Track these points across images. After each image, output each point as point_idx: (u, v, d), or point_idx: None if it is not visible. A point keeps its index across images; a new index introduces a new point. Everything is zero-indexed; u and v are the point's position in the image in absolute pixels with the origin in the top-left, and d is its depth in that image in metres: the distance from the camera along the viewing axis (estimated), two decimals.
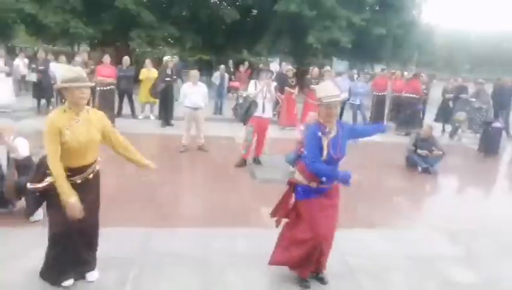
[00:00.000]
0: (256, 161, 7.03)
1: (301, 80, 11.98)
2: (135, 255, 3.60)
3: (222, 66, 13.27)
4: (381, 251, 4.13)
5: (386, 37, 20.33)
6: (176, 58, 13.94)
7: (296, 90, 10.73)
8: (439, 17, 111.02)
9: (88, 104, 3.05)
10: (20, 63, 12.68)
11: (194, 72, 7.82)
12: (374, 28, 19.61)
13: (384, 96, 12.09)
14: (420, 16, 24.42)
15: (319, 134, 3.06)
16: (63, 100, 2.90)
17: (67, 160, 2.82)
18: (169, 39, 21.31)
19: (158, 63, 15.27)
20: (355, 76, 14.27)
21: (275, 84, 7.16)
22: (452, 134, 11.18)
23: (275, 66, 10.49)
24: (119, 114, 10.39)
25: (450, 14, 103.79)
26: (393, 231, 4.73)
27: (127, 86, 10.49)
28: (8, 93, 10.72)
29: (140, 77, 10.79)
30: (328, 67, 12.23)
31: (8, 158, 4.13)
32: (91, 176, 3.02)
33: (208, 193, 5.50)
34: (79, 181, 2.91)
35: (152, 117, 10.82)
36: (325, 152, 3.05)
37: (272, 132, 9.16)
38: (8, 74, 10.83)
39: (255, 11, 23.34)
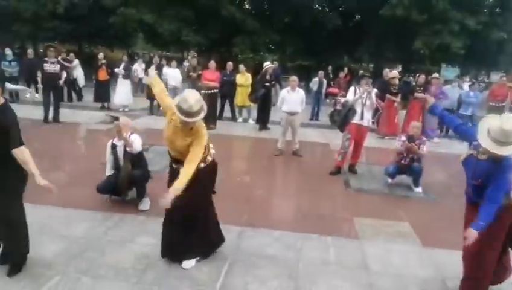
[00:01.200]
0: (352, 169, 6.83)
1: (405, 87, 11.33)
2: (228, 252, 3.74)
3: (321, 72, 13.18)
4: None
5: (506, 42, 18.28)
6: (276, 64, 14.21)
7: (398, 98, 10.19)
8: None
9: None
10: (138, 68, 14.10)
11: (293, 78, 7.90)
12: (492, 32, 17.76)
13: (503, 107, 10.84)
14: None
15: None
16: None
17: None
18: (271, 45, 21.87)
19: (255, 68, 15.74)
20: (468, 84, 13.04)
21: (375, 90, 6.88)
22: None
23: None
24: (220, 117, 10.94)
25: None
26: None
27: (229, 90, 10.99)
28: (127, 94, 12.00)
29: (238, 82, 11.18)
30: (435, 74, 11.38)
31: (124, 152, 4.60)
32: None
33: (300, 198, 5.49)
34: None
35: (251, 121, 11.17)
36: None
37: (370, 141, 8.84)
38: (127, 77, 12.12)
39: (358, 16, 22.79)
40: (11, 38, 20.02)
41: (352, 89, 6.74)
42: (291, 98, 7.63)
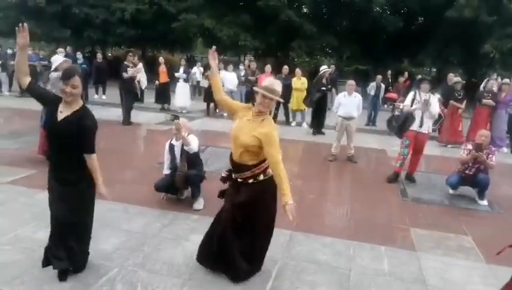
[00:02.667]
0: (410, 178, 6.54)
1: (471, 93, 10.69)
2: (278, 256, 3.74)
3: (379, 76, 12.80)
4: None
5: None
6: (333, 68, 14.01)
7: (463, 105, 9.62)
8: None
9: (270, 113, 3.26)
10: (197, 71, 14.55)
11: (351, 82, 7.75)
12: None
13: None
14: None
15: None
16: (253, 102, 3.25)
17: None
18: (328, 49, 21.60)
19: (311, 72, 15.61)
20: None
21: (438, 96, 6.54)
22: None
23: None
24: (274, 120, 10.96)
25: None
26: None
27: (284, 93, 10.95)
28: (186, 97, 12.44)
29: (293, 86, 11.13)
30: (506, 80, 10.60)
31: (181, 152, 4.77)
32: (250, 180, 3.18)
33: (354, 205, 5.36)
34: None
35: (305, 125, 11.10)
36: None
37: (431, 149, 8.43)
38: (186, 80, 12.55)
39: (421, 19, 21.85)
40: (82, 43, 21.51)
41: (411, 94, 6.47)
42: (347, 102, 7.49)
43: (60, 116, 2.85)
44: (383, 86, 12.80)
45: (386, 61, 21.41)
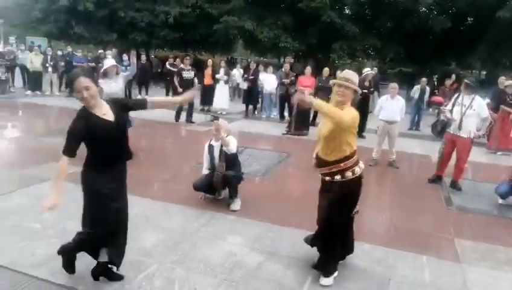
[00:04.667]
0: (454, 185, 6.24)
1: None
2: (315, 260, 3.67)
3: (424, 79, 12.35)
4: None
5: None
6: (375, 70, 13.67)
7: None
8: None
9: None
10: (236, 73, 14.69)
11: (393, 85, 7.53)
12: None
13: None
14: None
15: None
16: None
17: None
18: (370, 50, 21.13)
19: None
20: None
21: (487, 100, 6.22)
22: None
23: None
24: (313, 122, 10.86)
25: None
26: None
27: (324, 96, 10.85)
28: (225, 98, 12.57)
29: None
30: None
31: (220, 153, 4.82)
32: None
33: (394, 211, 5.19)
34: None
35: None
36: None
37: (479, 156, 8.04)
38: (226, 82, 12.68)
39: (470, 19, 20.90)
40: (127, 46, 22.31)
41: (454, 96, 6.25)
42: (390, 106, 7.28)
43: (107, 118, 2.83)
44: (428, 89, 12.36)
45: (432, 64, 20.66)
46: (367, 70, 10.19)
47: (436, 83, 13.84)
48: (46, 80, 14.62)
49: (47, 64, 14.28)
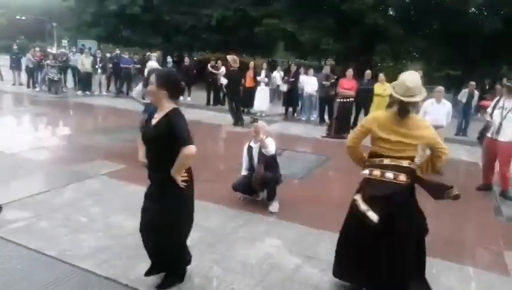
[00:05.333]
0: (504, 195, 5.91)
1: None
2: None
3: (472, 83, 11.82)
4: None
5: None
6: (420, 73, 13.24)
7: None
8: None
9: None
10: (277, 75, 14.72)
11: (439, 88, 7.27)
12: None
13: None
14: None
15: None
16: None
17: None
18: (415, 53, 20.47)
19: (395, 78, 14.88)
20: None
21: None
22: None
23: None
24: (354, 126, 10.67)
25: None
26: None
27: (365, 99, 10.65)
28: (265, 100, 12.62)
29: (375, 91, 10.67)
30: None
31: (259, 154, 4.84)
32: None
33: (439, 220, 4.97)
34: None
35: None
36: None
37: None
38: (267, 84, 12.73)
39: None
40: (171, 48, 22.94)
41: (495, 100, 5.98)
42: (435, 110, 7.03)
43: (154, 121, 2.90)
44: (476, 93, 11.81)
45: (481, 67, 19.68)
46: None
47: (487, 86, 13.19)
48: (95, 80, 15.34)
49: (96, 66, 14.99)
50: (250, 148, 4.99)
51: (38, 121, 10.03)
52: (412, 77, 2.94)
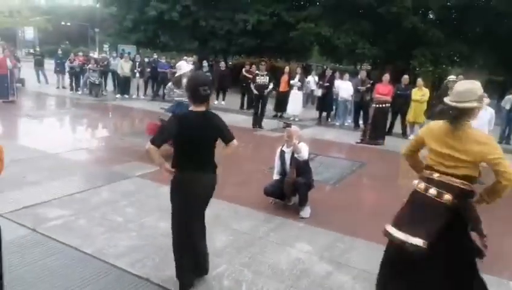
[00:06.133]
0: None
1: None
2: None
3: None
4: None
5: None
6: (461, 78, 12.76)
7: None
8: None
9: None
10: (311, 80, 14.61)
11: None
12: None
13: None
14: None
15: None
16: None
17: None
18: (456, 57, 19.74)
19: (434, 83, 14.40)
20: None
21: None
22: None
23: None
24: (389, 132, 10.43)
25: None
26: None
27: (402, 105, 10.38)
28: (299, 105, 12.57)
29: (413, 96, 10.37)
30: None
31: (292, 159, 4.82)
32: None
33: (492, 236, 4.76)
34: None
35: None
36: None
37: None
38: (300, 88, 12.67)
39: None
40: (207, 53, 23.30)
41: None
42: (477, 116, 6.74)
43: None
44: None
45: None
46: (451, 78, 9.55)
47: None
48: (134, 84, 15.83)
49: (135, 70, 15.47)
50: (282, 153, 4.97)
51: (78, 123, 10.45)
52: (467, 83, 2.70)
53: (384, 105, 9.59)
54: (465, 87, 2.64)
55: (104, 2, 26.10)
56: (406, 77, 10.64)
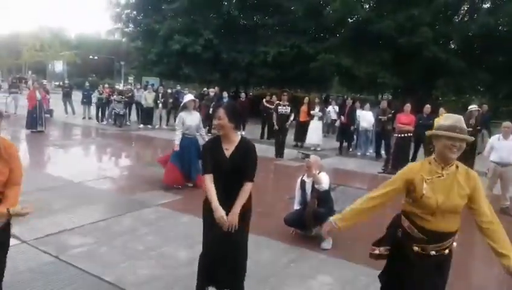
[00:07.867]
0: None
1: None
2: None
3: None
4: None
5: None
6: (485, 107, 12.56)
7: None
8: None
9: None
10: (331, 110, 14.65)
11: (507, 124, 6.81)
12: None
13: None
14: None
15: None
16: (432, 149, 2.61)
17: (421, 219, 2.49)
18: (479, 86, 19.50)
19: (457, 112, 14.16)
20: None
21: None
22: None
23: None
24: (413, 161, 10.24)
25: None
26: None
27: (424, 135, 10.20)
28: (319, 135, 12.56)
29: (435, 126, 10.19)
30: None
31: (312, 189, 4.78)
32: (446, 251, 2.48)
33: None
34: (432, 253, 2.45)
35: None
36: None
37: None
38: (320, 118, 12.70)
39: None
40: (228, 84, 23.78)
41: None
42: (502, 146, 6.58)
43: (227, 153, 3.03)
44: None
45: None
46: (472, 107, 9.42)
47: None
48: (156, 114, 16.22)
49: (158, 101, 15.89)
50: (303, 183, 4.95)
51: (102, 152, 10.71)
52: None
53: (406, 135, 9.49)
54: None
55: (130, 37, 27.22)
56: (428, 106, 10.54)
